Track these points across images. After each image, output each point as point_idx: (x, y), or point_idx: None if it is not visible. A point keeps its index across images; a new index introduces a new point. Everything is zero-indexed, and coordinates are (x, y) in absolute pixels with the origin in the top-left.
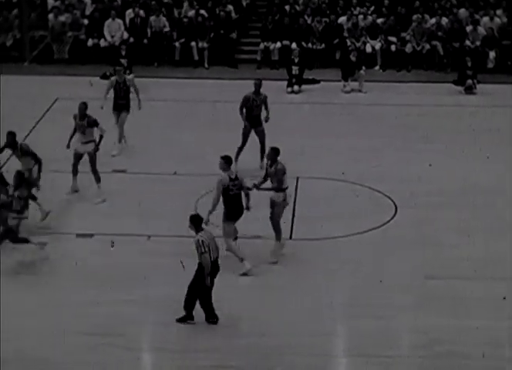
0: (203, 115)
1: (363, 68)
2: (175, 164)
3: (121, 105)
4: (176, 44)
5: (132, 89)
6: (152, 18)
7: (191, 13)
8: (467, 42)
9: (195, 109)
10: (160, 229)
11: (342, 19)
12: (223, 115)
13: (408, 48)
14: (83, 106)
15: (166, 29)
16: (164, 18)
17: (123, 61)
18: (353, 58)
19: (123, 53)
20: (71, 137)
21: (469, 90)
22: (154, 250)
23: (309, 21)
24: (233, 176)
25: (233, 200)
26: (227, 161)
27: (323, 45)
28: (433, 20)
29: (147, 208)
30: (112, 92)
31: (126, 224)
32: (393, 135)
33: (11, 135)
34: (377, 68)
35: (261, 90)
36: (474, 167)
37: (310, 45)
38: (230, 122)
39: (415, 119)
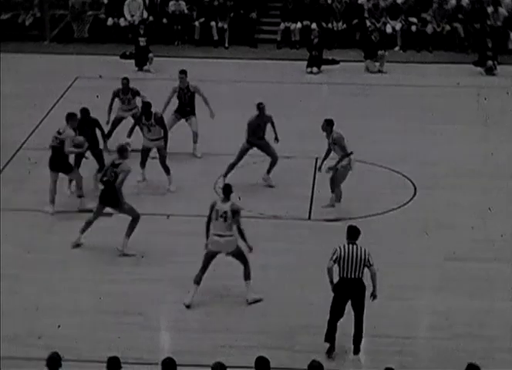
0: (223, 94)
1: (384, 50)
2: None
3: (187, 111)
4: (196, 23)
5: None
6: (171, 3)
7: None
8: (488, 23)
9: (215, 88)
10: (179, 208)
11: (363, 0)
12: (242, 94)
13: (429, 29)
14: (126, 81)
15: (186, 12)
16: (183, 2)
17: (142, 39)
18: (375, 39)
19: (142, 32)
20: (109, 113)
21: (490, 71)
22: (173, 229)
23: (330, 2)
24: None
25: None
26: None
27: (344, 26)
28: (454, 1)
29: (166, 187)
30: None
31: (145, 203)
32: (413, 116)
33: (147, 104)
34: (397, 48)
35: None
36: (494, 149)
37: (330, 25)
38: (249, 101)
39: (435, 100)
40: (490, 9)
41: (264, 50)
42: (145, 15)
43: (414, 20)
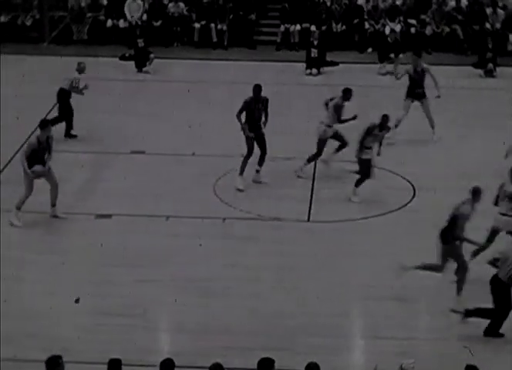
0: (222, 96)
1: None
2: (193, 145)
3: (419, 93)
4: (196, 25)
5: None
6: (170, 4)
7: None
8: (487, 25)
9: (214, 90)
10: (179, 210)
11: (362, 1)
12: (242, 96)
13: (428, 31)
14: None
15: (185, 14)
16: (183, 4)
17: (140, 41)
18: (390, 40)
19: (138, 33)
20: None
21: (490, 73)
22: (172, 230)
23: (329, 4)
24: None
25: None
26: None
27: (343, 27)
28: (453, 2)
29: (165, 189)
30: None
31: (144, 205)
32: (414, 118)
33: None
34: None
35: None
36: (494, 151)
37: (330, 27)
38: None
39: (434, 101)
40: (489, 11)
41: (263, 52)
42: (144, 16)
43: (413, 22)
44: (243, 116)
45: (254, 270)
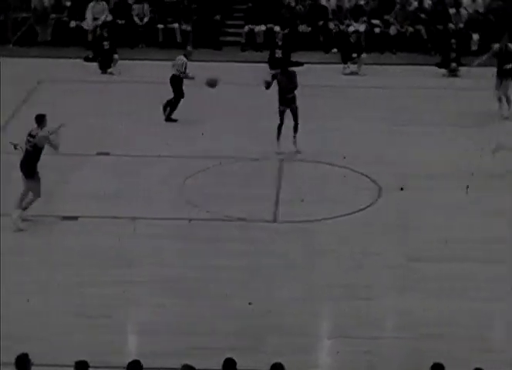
0: (188, 97)
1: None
2: (159, 146)
3: (507, 70)
4: (160, 26)
5: None
6: (135, 6)
7: None
8: (451, 25)
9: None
10: (145, 211)
11: (326, 2)
12: (207, 96)
13: (392, 31)
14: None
15: (151, 15)
16: (147, 5)
17: (106, 43)
18: (353, 40)
19: (106, 35)
20: None
21: (453, 73)
22: (139, 232)
23: (293, 4)
24: None
25: None
26: None
27: (308, 28)
28: (416, 3)
29: (132, 190)
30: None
31: (110, 207)
32: (377, 117)
33: None
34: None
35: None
36: (459, 149)
37: (295, 27)
38: (213, 104)
39: (399, 101)
40: (452, 11)
41: (228, 52)
42: (109, 17)
43: (377, 22)
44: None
45: (221, 270)
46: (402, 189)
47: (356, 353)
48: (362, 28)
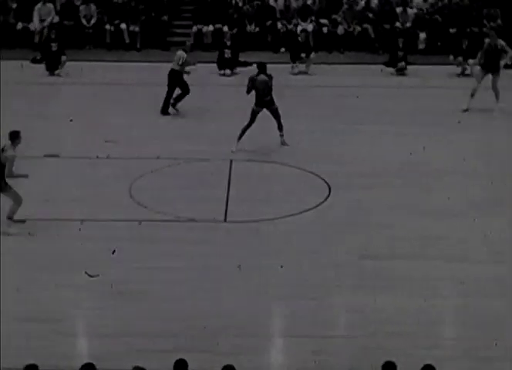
0: (136, 98)
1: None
2: (108, 148)
3: (496, 65)
4: (107, 27)
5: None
6: (82, 7)
7: None
8: (398, 24)
9: (128, 92)
10: (94, 213)
11: (274, 2)
12: (156, 98)
13: (339, 30)
14: None
15: (98, 16)
16: (94, 6)
17: (54, 44)
18: (301, 40)
19: (53, 37)
20: None
21: (401, 71)
22: (88, 234)
23: (241, 4)
24: None
25: None
26: None
27: (257, 28)
28: (363, 2)
29: (80, 192)
30: None
31: (58, 209)
32: (326, 116)
33: None
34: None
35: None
36: (408, 147)
37: (243, 27)
38: (160, 105)
39: (348, 100)
40: (399, 10)
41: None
42: (56, 19)
43: (325, 21)
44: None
45: (172, 271)
46: None
47: (306, 353)
48: (309, 27)
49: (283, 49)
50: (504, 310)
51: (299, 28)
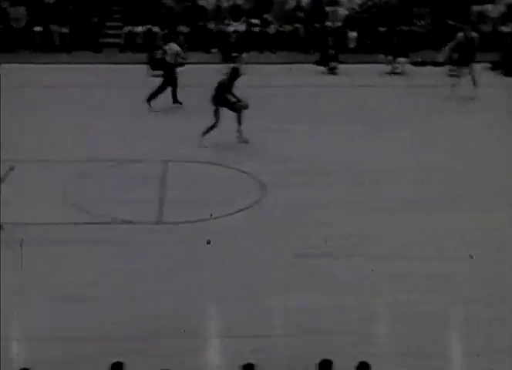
0: (68, 100)
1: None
2: (43, 151)
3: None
4: (37, 29)
5: None
6: (10, 9)
7: None
8: (328, 23)
9: (59, 94)
10: (30, 216)
11: (205, 1)
12: (88, 99)
13: (271, 30)
14: None
15: (27, 18)
16: (23, 8)
17: None
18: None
19: None
20: None
21: (332, 70)
22: (26, 238)
23: (172, 5)
24: None
25: None
26: None
27: (188, 29)
28: (294, 1)
29: (15, 195)
30: None
31: None
32: (260, 116)
33: None
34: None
35: None
36: (341, 146)
37: (174, 28)
38: (95, 106)
39: (280, 99)
40: (329, 9)
41: (107, 54)
42: None
43: (256, 21)
44: None
45: (108, 274)
46: None
47: (244, 352)
48: (241, 27)
49: (215, 49)
50: (440, 306)
51: (230, 28)
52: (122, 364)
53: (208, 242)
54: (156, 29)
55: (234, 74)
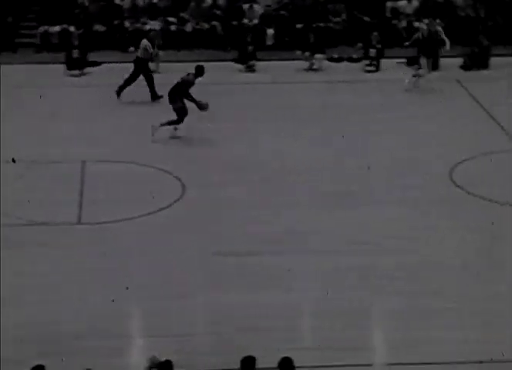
0: None
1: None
2: None
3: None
4: None
5: None
6: None
7: None
8: (245, 20)
9: None
10: None
11: (120, 0)
12: (2, 99)
13: (188, 28)
14: None
15: None
16: None
17: None
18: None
19: None
20: None
21: (250, 68)
22: None
23: (87, 4)
24: None
25: None
26: None
27: (104, 28)
28: None
29: None
30: None
31: None
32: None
33: None
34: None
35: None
36: (261, 143)
37: (90, 27)
38: (9, 107)
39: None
40: (245, 6)
41: (23, 54)
42: None
43: (173, 19)
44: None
45: (28, 276)
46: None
47: (169, 352)
48: (157, 26)
49: (131, 48)
50: (364, 299)
51: (147, 27)
52: (43, 366)
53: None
54: (71, 29)
55: (199, 72)
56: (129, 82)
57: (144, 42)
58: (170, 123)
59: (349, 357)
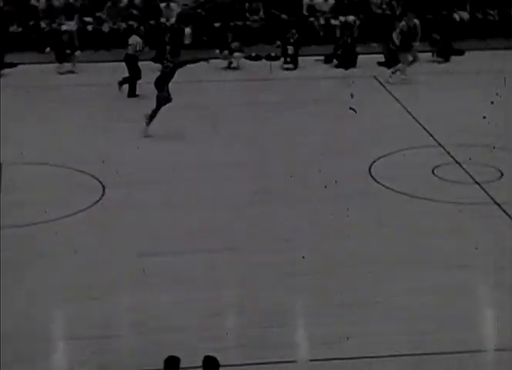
0: None
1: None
2: None
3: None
4: None
5: None
6: None
7: None
8: (163, 20)
9: None
10: None
11: (36, 1)
12: None
13: (105, 28)
14: None
15: None
16: None
17: None
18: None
19: None
20: None
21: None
22: None
23: (1, 4)
24: None
25: None
26: None
27: (20, 28)
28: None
29: None
30: None
31: None
32: (95, 115)
33: None
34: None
35: None
36: (183, 143)
37: (6, 28)
38: None
39: (117, 99)
40: (162, 5)
41: None
42: None
43: (89, 19)
44: None
45: None
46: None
47: (87, 354)
48: (74, 26)
49: (48, 49)
50: (283, 296)
51: (63, 27)
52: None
53: None
54: None
55: (180, 64)
56: (133, 80)
57: (135, 39)
58: (152, 116)
59: (271, 355)
